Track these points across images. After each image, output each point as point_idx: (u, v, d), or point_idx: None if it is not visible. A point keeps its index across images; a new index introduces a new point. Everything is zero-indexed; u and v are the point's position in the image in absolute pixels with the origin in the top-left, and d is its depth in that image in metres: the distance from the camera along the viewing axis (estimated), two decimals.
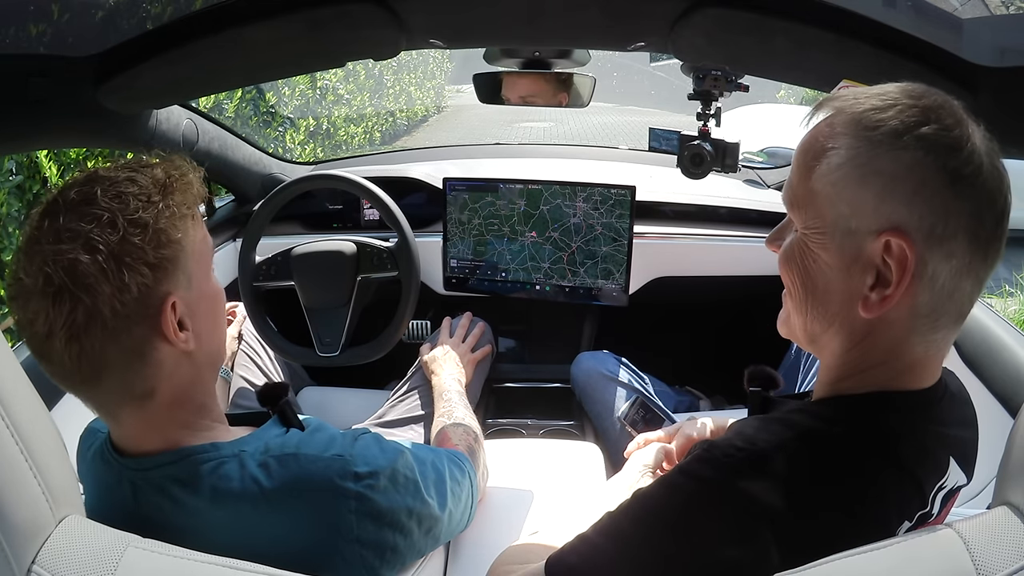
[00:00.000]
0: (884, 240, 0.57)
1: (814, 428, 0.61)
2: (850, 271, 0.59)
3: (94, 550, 0.51)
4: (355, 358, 1.46)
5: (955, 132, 0.56)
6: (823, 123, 0.62)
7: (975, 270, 0.57)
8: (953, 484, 0.63)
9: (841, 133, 0.59)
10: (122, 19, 0.85)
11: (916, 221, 0.56)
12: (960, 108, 0.59)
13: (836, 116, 0.61)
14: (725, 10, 0.80)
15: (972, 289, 0.58)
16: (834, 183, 0.59)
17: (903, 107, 0.57)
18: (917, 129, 0.56)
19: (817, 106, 0.63)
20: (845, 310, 0.61)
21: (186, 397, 0.68)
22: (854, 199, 0.58)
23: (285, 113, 5.89)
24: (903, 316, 0.59)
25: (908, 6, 0.80)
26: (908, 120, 0.57)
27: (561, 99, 1.39)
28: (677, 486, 0.61)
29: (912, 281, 0.57)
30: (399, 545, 0.73)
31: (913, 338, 0.59)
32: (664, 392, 1.56)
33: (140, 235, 0.62)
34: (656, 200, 1.72)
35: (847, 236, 0.59)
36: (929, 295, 0.57)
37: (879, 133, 0.57)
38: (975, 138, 0.57)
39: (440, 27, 0.98)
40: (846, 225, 0.59)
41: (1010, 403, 1.09)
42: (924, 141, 0.56)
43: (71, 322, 0.59)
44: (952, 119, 0.57)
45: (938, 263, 0.56)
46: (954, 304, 0.58)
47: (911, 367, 0.61)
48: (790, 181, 0.64)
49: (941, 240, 0.56)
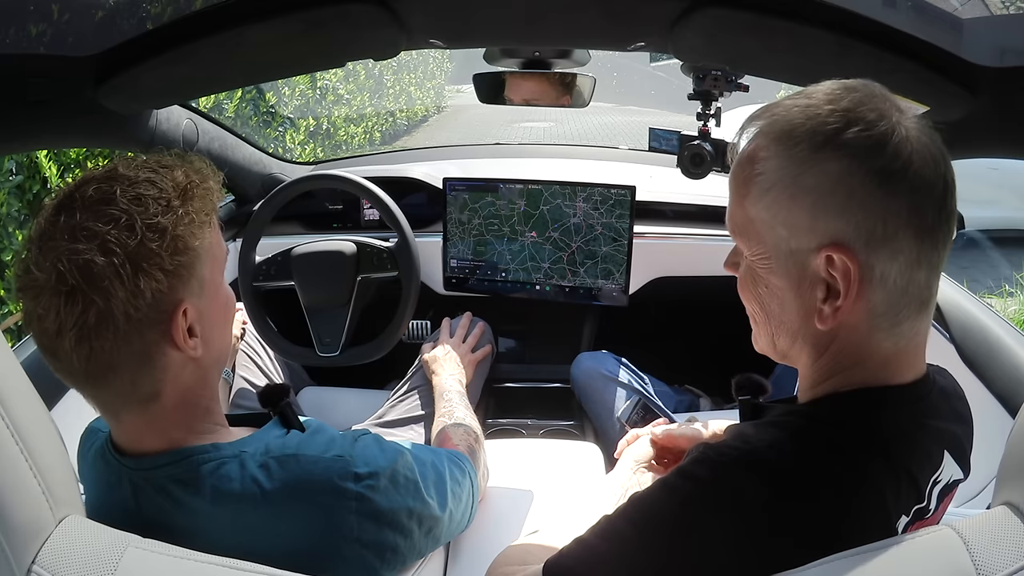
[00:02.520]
0: (825, 255, 0.56)
1: (803, 427, 0.61)
2: (800, 289, 0.60)
3: (94, 550, 0.51)
4: (355, 358, 1.46)
5: (878, 128, 0.55)
6: (749, 145, 0.61)
7: (925, 259, 0.57)
8: (948, 478, 0.63)
9: (765, 157, 0.59)
10: (122, 19, 0.85)
11: (853, 230, 0.55)
12: (882, 97, 0.57)
13: (759, 137, 0.60)
14: (725, 10, 0.80)
15: (928, 277, 0.58)
16: (767, 207, 0.59)
17: (823, 115, 0.56)
18: (837, 137, 0.55)
19: (743, 127, 0.63)
20: (804, 325, 0.61)
21: (190, 400, 0.68)
22: (788, 220, 0.58)
23: (285, 113, 5.90)
24: (861, 319, 0.58)
25: (908, 6, 0.80)
26: (827, 129, 0.56)
27: (563, 100, 1.39)
28: (673, 487, 0.61)
29: (861, 286, 0.56)
30: (399, 545, 0.73)
31: (877, 335, 0.59)
32: (664, 392, 1.56)
33: (158, 241, 0.61)
34: (656, 200, 1.72)
35: (789, 257, 0.59)
36: (883, 294, 0.57)
37: (800, 148, 0.57)
38: (902, 127, 0.56)
39: (440, 27, 0.98)
40: (787, 247, 0.59)
41: (1010, 403, 1.09)
42: (847, 148, 0.55)
43: (82, 323, 0.59)
44: (874, 113, 0.56)
45: (885, 264, 0.56)
46: (911, 296, 0.58)
47: (887, 362, 0.61)
48: (729, 209, 0.64)
49: (883, 242, 0.55)
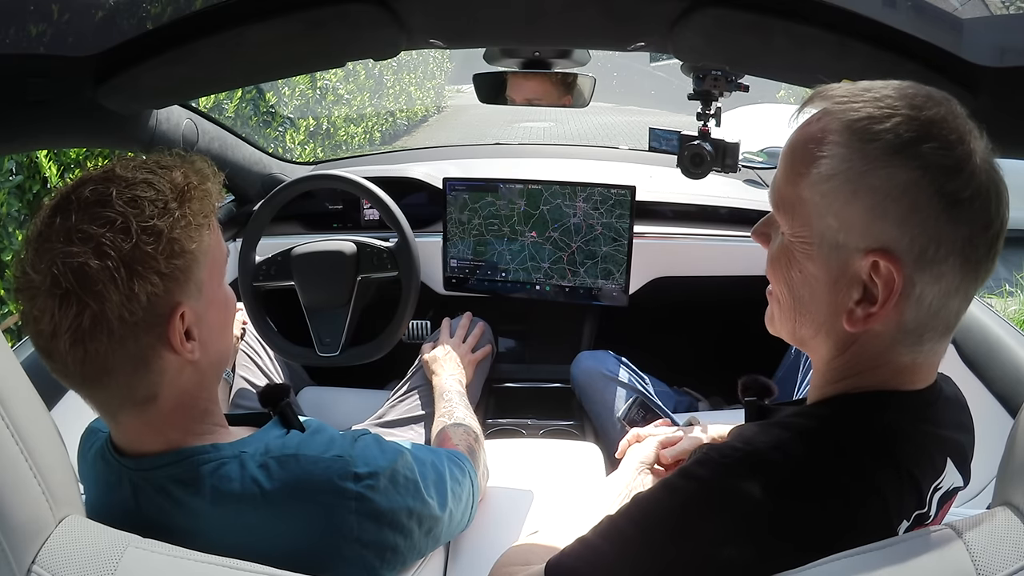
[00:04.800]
0: (872, 260, 0.55)
1: (811, 428, 0.61)
2: (836, 284, 0.58)
3: (94, 550, 0.51)
4: (355, 358, 1.46)
5: (956, 151, 0.53)
6: (815, 125, 0.59)
7: (964, 290, 0.56)
8: (949, 486, 0.63)
9: (834, 141, 0.56)
10: (122, 19, 0.85)
11: (907, 243, 0.54)
12: (963, 118, 0.56)
13: (828, 120, 0.58)
14: (725, 10, 0.80)
15: (959, 306, 0.57)
16: (824, 194, 0.57)
17: (902, 119, 0.54)
18: (916, 147, 0.53)
19: (807, 101, 0.60)
20: (831, 320, 0.60)
21: (188, 403, 0.68)
22: (843, 213, 0.56)
23: (285, 113, 5.90)
24: (889, 330, 0.58)
25: (908, 6, 0.80)
26: (906, 135, 0.54)
27: (563, 100, 1.38)
28: (676, 488, 0.61)
29: (899, 300, 0.56)
30: (399, 545, 0.73)
31: (899, 348, 0.59)
32: (664, 392, 1.56)
33: (153, 244, 0.60)
34: (656, 200, 1.72)
35: (834, 250, 0.58)
36: (915, 313, 0.56)
37: (875, 147, 0.54)
38: (977, 155, 0.54)
39: (440, 27, 0.98)
40: (833, 238, 0.57)
41: (1010, 403, 1.09)
42: (922, 160, 0.53)
43: (76, 325, 0.58)
44: (955, 135, 0.54)
45: (926, 285, 0.55)
46: (940, 320, 0.57)
47: (901, 372, 0.61)
48: (777, 182, 0.62)
49: (931, 263, 0.54)
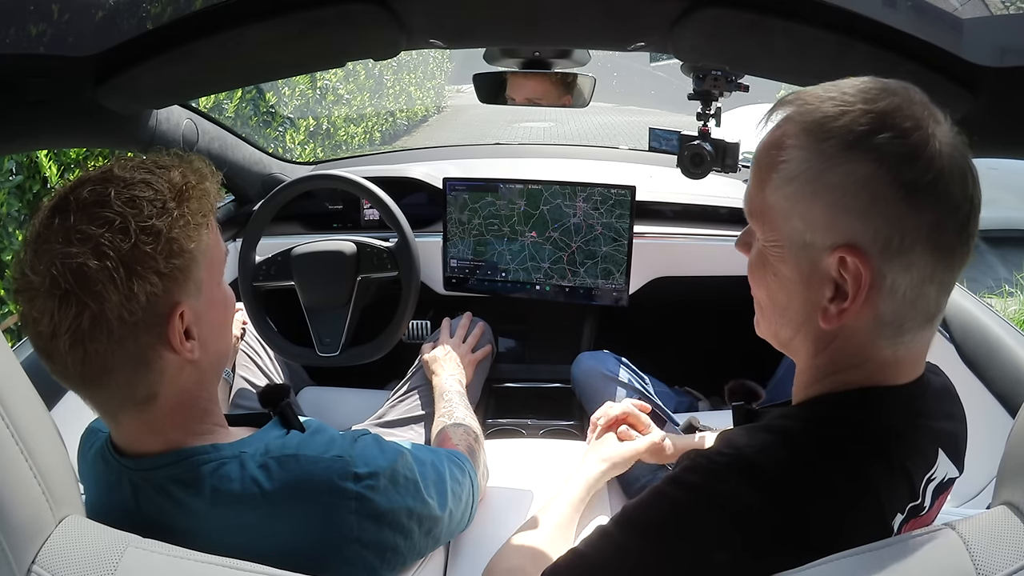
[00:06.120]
0: (839, 256, 0.56)
1: (797, 428, 0.61)
2: (808, 284, 0.59)
3: (94, 550, 0.51)
4: (355, 358, 1.46)
5: (913, 137, 0.54)
6: (776, 131, 0.60)
7: (939, 277, 0.56)
8: (943, 476, 0.63)
9: (792, 144, 0.58)
10: (122, 19, 0.85)
11: (871, 236, 0.54)
12: (922, 105, 0.56)
13: (787, 124, 0.59)
14: (725, 10, 0.80)
15: (938, 294, 0.57)
16: (787, 196, 0.58)
17: (856, 113, 0.55)
18: (870, 139, 0.54)
19: (772, 108, 0.61)
20: (808, 320, 0.61)
21: (188, 402, 0.68)
22: (807, 214, 0.57)
23: (285, 113, 5.90)
24: (866, 324, 0.58)
25: (908, 6, 0.80)
26: (860, 129, 0.54)
27: (564, 100, 1.38)
28: (665, 495, 0.61)
29: (871, 293, 0.56)
30: (399, 545, 0.73)
31: (879, 342, 0.59)
32: (664, 392, 1.56)
33: (152, 244, 0.60)
34: (656, 200, 1.72)
35: (802, 250, 0.58)
36: (891, 304, 0.56)
37: (830, 144, 0.55)
38: (937, 139, 0.54)
39: (440, 27, 0.98)
40: (801, 239, 0.58)
41: (1010, 403, 1.09)
42: (878, 151, 0.54)
43: (76, 326, 0.58)
44: (911, 122, 0.54)
45: (897, 275, 0.55)
46: (918, 310, 0.57)
47: (885, 366, 0.60)
48: (748, 190, 0.63)
49: (898, 253, 0.54)
